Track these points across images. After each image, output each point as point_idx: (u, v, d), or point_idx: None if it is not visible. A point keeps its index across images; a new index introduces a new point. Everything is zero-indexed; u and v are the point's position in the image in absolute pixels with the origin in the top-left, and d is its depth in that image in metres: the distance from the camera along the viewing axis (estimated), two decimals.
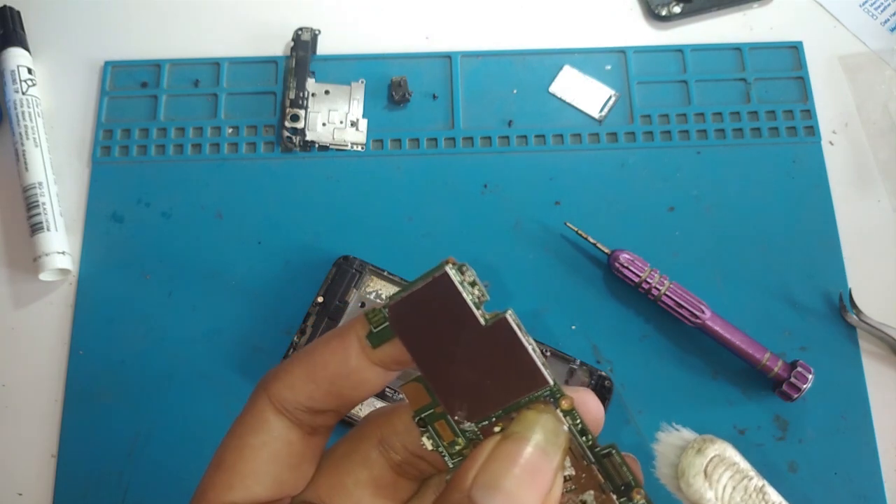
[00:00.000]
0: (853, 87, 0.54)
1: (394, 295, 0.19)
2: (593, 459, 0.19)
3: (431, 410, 0.20)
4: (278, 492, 0.20)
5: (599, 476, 0.19)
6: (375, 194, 0.50)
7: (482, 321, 0.19)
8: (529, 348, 0.18)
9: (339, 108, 0.52)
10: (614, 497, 0.19)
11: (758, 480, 0.19)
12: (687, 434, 0.21)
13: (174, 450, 0.44)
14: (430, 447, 0.20)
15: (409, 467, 0.21)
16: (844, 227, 0.49)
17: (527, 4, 0.56)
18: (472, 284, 0.19)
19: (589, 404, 0.19)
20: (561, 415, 0.19)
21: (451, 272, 0.18)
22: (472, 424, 0.19)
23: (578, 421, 0.19)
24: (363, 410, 0.43)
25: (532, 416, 0.18)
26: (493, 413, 0.19)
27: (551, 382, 0.18)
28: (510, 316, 0.19)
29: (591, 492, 0.19)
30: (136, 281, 0.48)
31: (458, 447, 0.19)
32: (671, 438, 0.21)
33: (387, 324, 0.19)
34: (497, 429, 0.19)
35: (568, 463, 0.19)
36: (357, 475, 0.21)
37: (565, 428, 0.18)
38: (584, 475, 0.19)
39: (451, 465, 0.20)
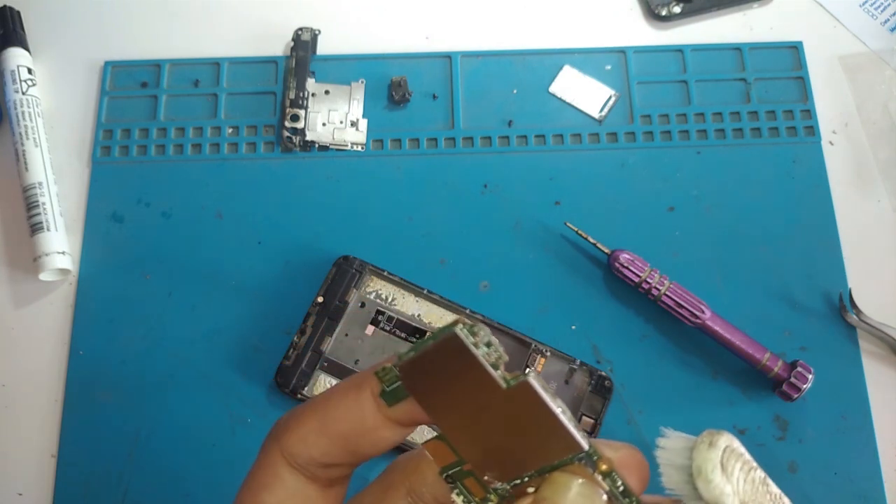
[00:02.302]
0: (853, 87, 0.54)
1: (404, 354, 0.18)
2: None
3: (459, 468, 0.19)
4: None
5: None
6: (375, 194, 0.50)
7: (503, 384, 0.17)
8: (559, 412, 0.17)
9: (339, 108, 0.52)
10: None
11: (761, 472, 0.19)
12: (687, 436, 0.20)
13: (174, 450, 0.44)
14: (461, 503, 0.19)
15: None
16: (844, 227, 0.49)
17: (527, 4, 0.56)
18: (488, 345, 0.17)
19: (631, 462, 0.18)
20: (599, 477, 0.17)
21: (462, 334, 0.17)
22: (504, 484, 0.18)
23: (619, 483, 0.17)
24: None
25: (564, 480, 0.17)
26: (524, 474, 0.18)
27: (586, 447, 0.17)
28: (533, 379, 0.17)
29: None
30: (136, 281, 0.48)
31: (490, 503, 0.19)
32: (675, 442, 0.20)
33: (399, 383, 0.18)
34: (531, 489, 0.18)
35: None
36: None
37: (602, 494, 0.17)
38: None
39: None
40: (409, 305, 0.46)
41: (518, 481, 0.18)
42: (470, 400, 0.18)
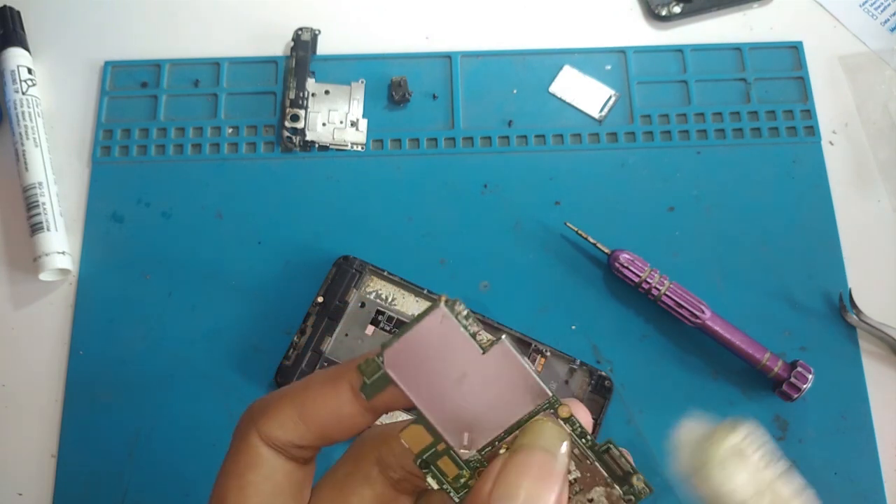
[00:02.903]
0: (853, 87, 0.54)
1: (387, 342, 0.20)
2: (595, 458, 0.20)
3: (433, 450, 0.20)
4: None
5: (603, 472, 0.20)
6: (375, 194, 0.50)
7: (480, 349, 0.20)
8: (528, 366, 0.20)
9: (339, 108, 0.52)
10: (618, 487, 0.20)
11: (771, 472, 0.20)
12: (706, 424, 0.21)
13: (174, 450, 0.44)
14: (435, 486, 0.20)
15: (407, 484, 0.22)
16: (844, 227, 0.49)
17: (527, 4, 0.56)
18: (466, 318, 0.20)
19: (580, 412, 0.21)
20: (561, 422, 0.20)
21: (445, 308, 0.20)
22: (476, 453, 0.20)
23: (577, 425, 0.20)
24: None
25: (536, 426, 0.19)
26: (497, 437, 0.20)
27: (550, 394, 0.20)
28: (506, 339, 0.20)
29: (598, 488, 0.20)
30: (136, 281, 0.48)
31: (462, 479, 0.20)
32: (692, 429, 0.21)
33: (381, 372, 0.20)
34: (503, 450, 0.20)
35: (573, 466, 0.20)
36: (361, 494, 0.22)
37: (567, 432, 0.20)
38: (588, 474, 0.20)
39: (457, 500, 0.20)
40: (409, 305, 0.46)
41: (489, 448, 0.20)
42: (450, 371, 0.20)
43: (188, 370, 0.46)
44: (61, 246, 0.47)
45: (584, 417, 0.21)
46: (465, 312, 0.20)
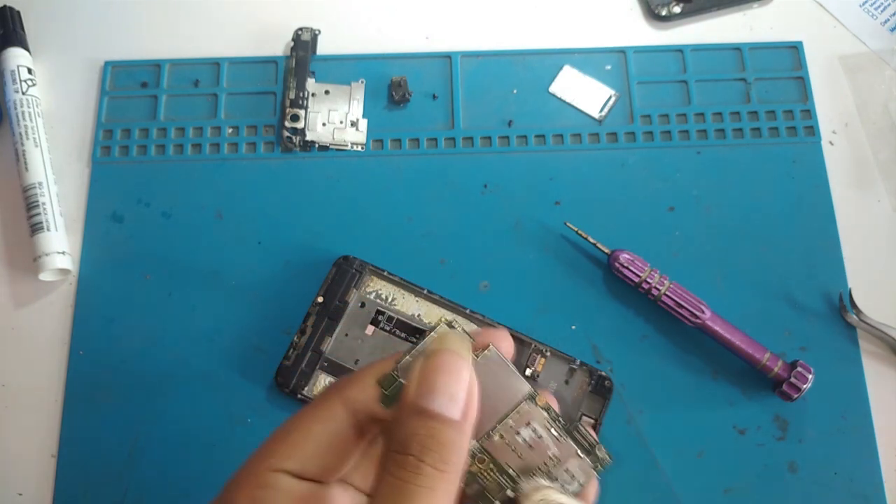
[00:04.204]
0: (853, 87, 0.54)
1: (401, 361, 0.23)
2: (566, 434, 0.25)
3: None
4: (321, 475, 0.23)
5: (574, 446, 0.24)
6: (375, 194, 0.50)
7: (476, 357, 0.24)
8: (511, 366, 0.25)
9: (339, 108, 0.52)
10: (586, 457, 0.24)
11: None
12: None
13: (174, 450, 0.44)
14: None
15: (367, 430, 0.24)
16: (844, 227, 0.49)
17: (527, 4, 0.56)
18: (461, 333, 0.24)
19: (503, 344, 0.25)
20: (540, 408, 0.25)
21: (447, 328, 0.24)
22: (476, 443, 0.24)
23: (552, 411, 0.25)
24: None
25: (442, 335, 0.23)
26: (492, 427, 0.24)
27: (529, 388, 0.25)
28: (491, 348, 0.24)
29: (572, 460, 0.24)
30: (136, 281, 0.48)
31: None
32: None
33: (397, 384, 0.23)
34: (496, 438, 0.24)
35: (553, 443, 0.24)
36: (323, 427, 0.24)
37: (468, 338, 0.24)
38: (564, 450, 0.24)
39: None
40: (409, 305, 0.46)
41: (485, 437, 0.24)
42: None
43: (188, 370, 0.46)
44: (61, 246, 0.47)
45: (505, 347, 0.25)
46: (461, 329, 0.24)
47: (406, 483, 0.21)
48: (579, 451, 0.24)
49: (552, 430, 0.24)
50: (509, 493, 0.24)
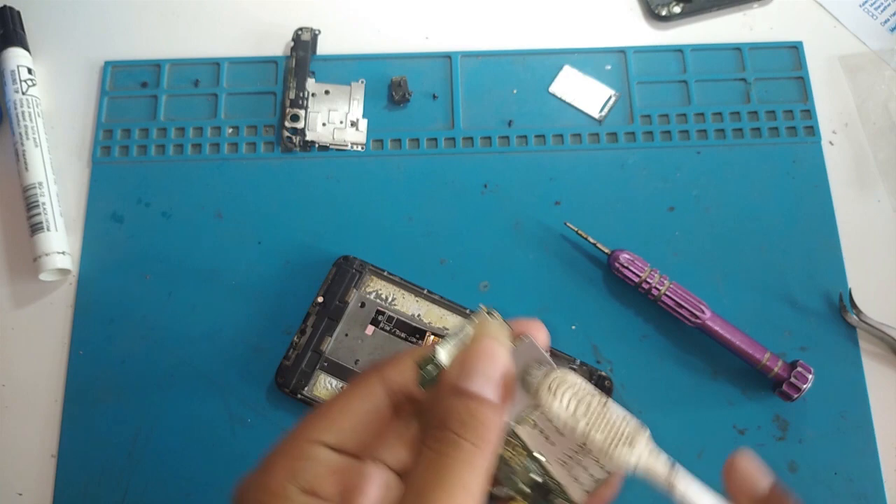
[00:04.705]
0: (853, 87, 0.54)
1: (440, 343, 0.24)
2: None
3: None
4: (358, 450, 0.24)
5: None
6: (375, 194, 0.50)
7: (514, 345, 0.25)
8: (546, 356, 0.25)
9: (339, 108, 0.52)
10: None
11: (601, 397, 0.23)
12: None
13: (174, 450, 0.44)
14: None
15: (404, 410, 0.25)
16: (844, 227, 0.49)
17: (527, 4, 0.56)
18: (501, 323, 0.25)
19: (540, 334, 0.26)
20: (500, 318, 0.25)
21: (485, 315, 0.25)
22: (509, 427, 0.24)
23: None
24: None
25: (482, 323, 0.24)
26: (524, 413, 0.25)
27: (555, 366, 0.25)
28: (528, 337, 0.25)
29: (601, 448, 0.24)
30: (136, 281, 0.48)
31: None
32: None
33: (435, 365, 0.24)
34: (529, 423, 0.25)
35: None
36: (362, 404, 0.25)
37: (507, 326, 0.25)
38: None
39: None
40: (409, 305, 0.46)
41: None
42: None
43: (188, 370, 0.46)
44: (61, 246, 0.47)
45: (542, 339, 0.26)
46: (499, 318, 0.25)
47: (445, 456, 0.22)
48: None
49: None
50: (537, 477, 0.24)
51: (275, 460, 0.23)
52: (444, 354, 0.24)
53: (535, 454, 0.24)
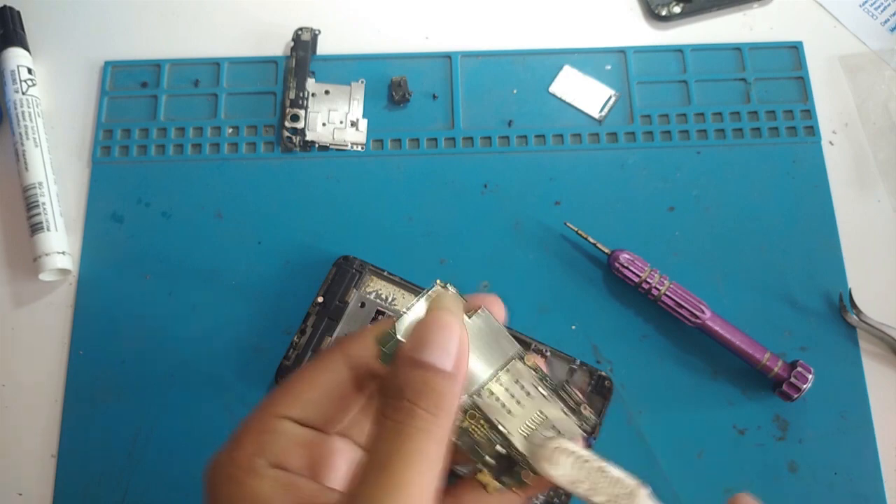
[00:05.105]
0: (853, 87, 0.54)
1: (397, 318, 0.24)
2: (553, 394, 0.26)
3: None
4: (323, 424, 0.25)
5: (559, 404, 0.25)
6: (375, 194, 0.50)
7: (468, 318, 0.25)
8: (502, 328, 0.26)
9: (339, 108, 0.52)
10: (573, 415, 0.25)
11: (596, 462, 0.24)
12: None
13: (174, 450, 0.44)
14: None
15: (365, 384, 0.26)
16: (844, 227, 0.49)
17: (527, 4, 0.56)
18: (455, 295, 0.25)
19: (495, 307, 0.26)
20: (529, 367, 0.26)
21: (440, 289, 0.25)
22: (468, 399, 0.24)
23: (540, 371, 0.26)
24: None
25: (437, 295, 0.25)
26: (481, 385, 0.25)
27: (518, 349, 0.26)
28: (483, 310, 0.26)
29: (558, 418, 0.25)
30: (136, 281, 0.48)
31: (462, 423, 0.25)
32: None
33: (394, 341, 0.24)
34: (487, 394, 0.25)
35: (540, 401, 0.25)
36: (324, 378, 0.26)
37: (455, 293, 0.25)
38: (550, 408, 0.25)
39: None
40: None
41: (478, 389, 0.25)
42: None
43: (188, 370, 0.46)
44: (61, 246, 0.47)
45: (498, 312, 0.27)
46: (454, 290, 0.25)
47: (403, 425, 0.22)
48: (565, 410, 0.25)
49: (539, 389, 0.25)
50: (501, 449, 0.24)
51: (243, 435, 0.24)
52: (401, 328, 0.24)
53: (498, 426, 0.24)
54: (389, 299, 0.46)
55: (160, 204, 0.50)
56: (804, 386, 0.43)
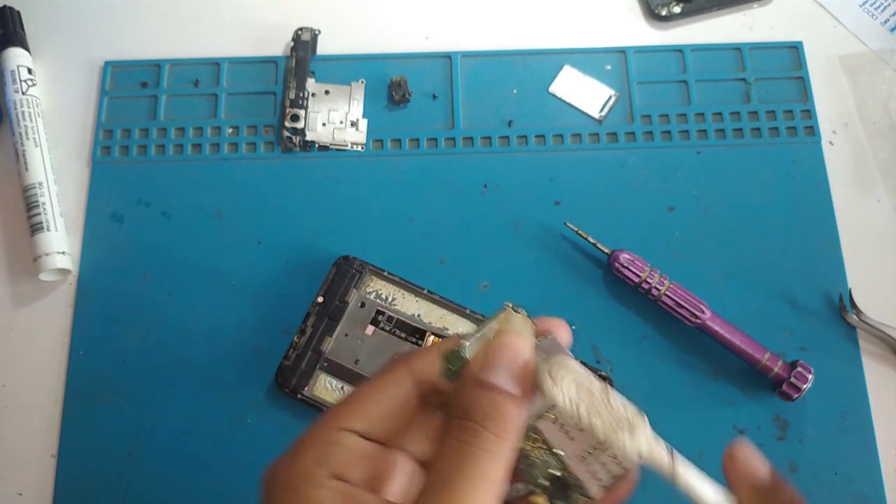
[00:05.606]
0: (853, 87, 0.54)
1: (465, 337, 0.25)
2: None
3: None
4: (385, 438, 0.25)
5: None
6: (375, 194, 0.50)
7: (537, 341, 0.25)
8: (569, 353, 0.26)
9: (339, 108, 0.52)
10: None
11: (601, 384, 0.24)
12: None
13: (174, 449, 0.44)
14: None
15: (430, 401, 0.26)
16: (844, 227, 0.49)
17: (527, 4, 0.56)
18: (525, 318, 0.26)
19: (562, 332, 0.27)
20: (525, 313, 0.26)
21: (511, 311, 0.26)
22: (530, 422, 0.24)
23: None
24: None
25: (506, 318, 0.25)
26: (545, 409, 0.25)
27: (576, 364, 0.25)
28: (552, 335, 0.26)
29: (617, 444, 0.24)
30: (136, 281, 0.48)
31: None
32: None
33: (462, 360, 0.24)
34: (549, 419, 0.25)
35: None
36: (389, 393, 0.25)
37: (525, 317, 0.26)
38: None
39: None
40: (409, 305, 0.46)
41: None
42: None
43: (188, 370, 0.46)
44: (61, 246, 0.47)
45: (565, 336, 0.27)
46: (524, 313, 0.26)
47: (467, 445, 0.22)
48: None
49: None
50: (556, 472, 0.25)
51: (304, 445, 0.24)
52: (469, 348, 0.24)
53: (555, 449, 0.25)
54: (389, 299, 0.46)
55: (160, 204, 0.50)
56: (804, 386, 0.43)
